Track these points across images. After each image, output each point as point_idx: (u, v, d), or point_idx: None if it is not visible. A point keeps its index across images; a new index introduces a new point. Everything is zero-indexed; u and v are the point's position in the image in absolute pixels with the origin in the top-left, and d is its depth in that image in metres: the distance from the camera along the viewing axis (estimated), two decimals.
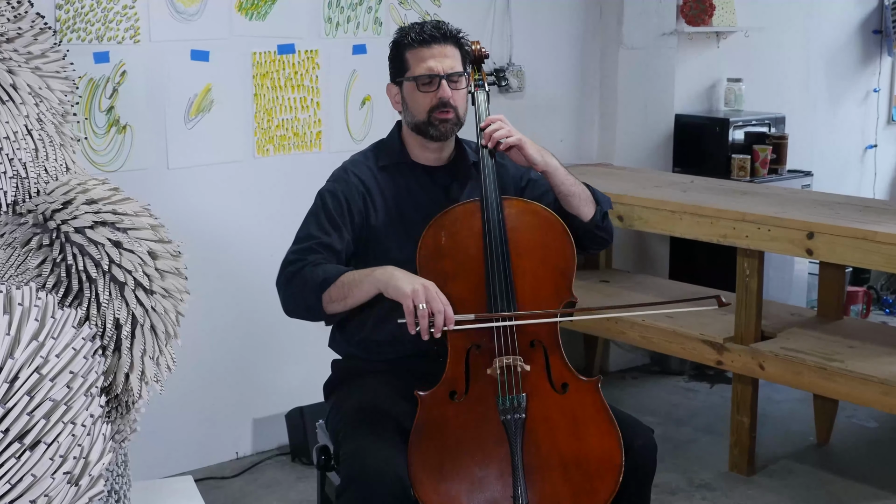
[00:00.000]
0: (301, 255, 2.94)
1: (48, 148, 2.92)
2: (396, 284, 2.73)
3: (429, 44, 2.99)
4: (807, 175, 6.12)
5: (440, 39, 3.01)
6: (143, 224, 2.81)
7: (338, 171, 3.13)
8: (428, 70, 2.98)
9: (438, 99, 2.98)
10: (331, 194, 3.04)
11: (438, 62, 2.98)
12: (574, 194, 3.03)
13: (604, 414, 2.81)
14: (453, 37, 3.04)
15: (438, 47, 3.00)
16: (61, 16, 3.91)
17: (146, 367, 2.79)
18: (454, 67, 3.00)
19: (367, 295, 2.81)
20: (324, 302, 2.86)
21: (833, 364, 4.06)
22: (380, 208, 3.04)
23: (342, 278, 2.84)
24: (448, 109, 2.99)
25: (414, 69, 3.01)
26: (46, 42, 2.99)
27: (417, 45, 3.00)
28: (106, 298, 2.69)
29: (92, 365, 2.44)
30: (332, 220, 2.99)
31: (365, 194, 3.04)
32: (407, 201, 3.06)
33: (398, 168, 3.10)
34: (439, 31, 3.02)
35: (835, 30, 6.98)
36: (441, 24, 3.05)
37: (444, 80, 2.98)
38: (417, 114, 3.02)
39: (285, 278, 2.95)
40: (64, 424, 2.29)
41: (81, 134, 3.96)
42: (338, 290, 2.83)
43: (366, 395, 2.96)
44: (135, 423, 3.02)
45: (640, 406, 5.14)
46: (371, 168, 3.10)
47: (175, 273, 2.86)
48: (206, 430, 4.51)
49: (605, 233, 3.13)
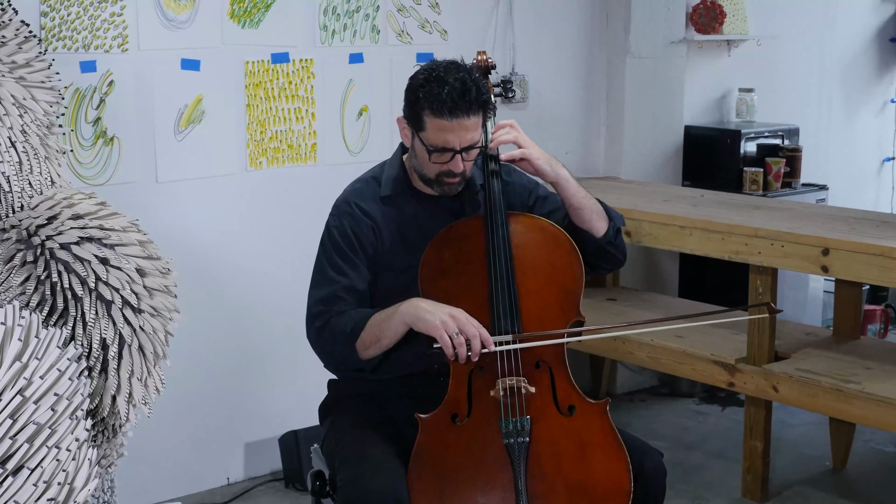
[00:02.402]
0: (326, 306, 2.92)
1: (32, 161, 2.92)
2: (424, 318, 2.73)
3: (450, 117, 2.81)
4: (822, 189, 6.12)
5: (464, 111, 2.81)
6: (131, 240, 2.81)
7: (341, 204, 3.05)
8: (444, 143, 2.84)
9: (449, 169, 2.90)
10: (339, 231, 2.99)
11: (457, 136, 2.83)
12: (586, 207, 3.01)
13: (612, 438, 2.79)
14: (480, 105, 2.85)
15: (460, 121, 2.82)
16: (46, 23, 3.91)
17: (134, 388, 2.78)
18: (473, 140, 2.86)
19: (398, 333, 2.80)
20: (358, 350, 2.85)
21: (850, 386, 4.05)
22: (386, 239, 3.01)
23: (370, 322, 2.83)
24: (457, 176, 2.92)
25: (429, 135, 2.86)
26: (31, 51, 3.00)
27: (437, 114, 2.82)
28: (92, 317, 2.68)
29: (77, 387, 2.44)
30: (347, 258, 2.96)
31: (373, 227, 2.99)
32: (412, 228, 3.01)
33: (403, 197, 3.04)
34: (464, 101, 2.80)
35: (850, 38, 6.99)
36: (468, 91, 2.81)
37: (459, 154, 2.87)
38: (424, 170, 2.94)
39: (315, 334, 2.93)
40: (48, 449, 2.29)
41: (67, 146, 3.96)
42: (369, 335, 2.83)
43: (363, 418, 2.95)
44: (122, 447, 3.01)
45: (649, 430, 5.13)
46: (374, 199, 3.03)
47: (164, 291, 2.86)
48: (196, 454, 4.49)
49: (618, 250, 3.11)
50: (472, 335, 2.70)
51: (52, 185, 3.00)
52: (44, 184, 2.96)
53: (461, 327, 2.70)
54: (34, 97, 2.94)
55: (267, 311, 4.57)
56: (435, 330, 2.70)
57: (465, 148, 2.86)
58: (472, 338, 2.70)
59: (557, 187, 3.00)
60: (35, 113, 2.94)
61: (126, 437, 2.99)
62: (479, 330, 2.71)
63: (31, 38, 3.03)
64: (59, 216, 2.78)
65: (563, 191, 3.00)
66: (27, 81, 2.95)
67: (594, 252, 3.04)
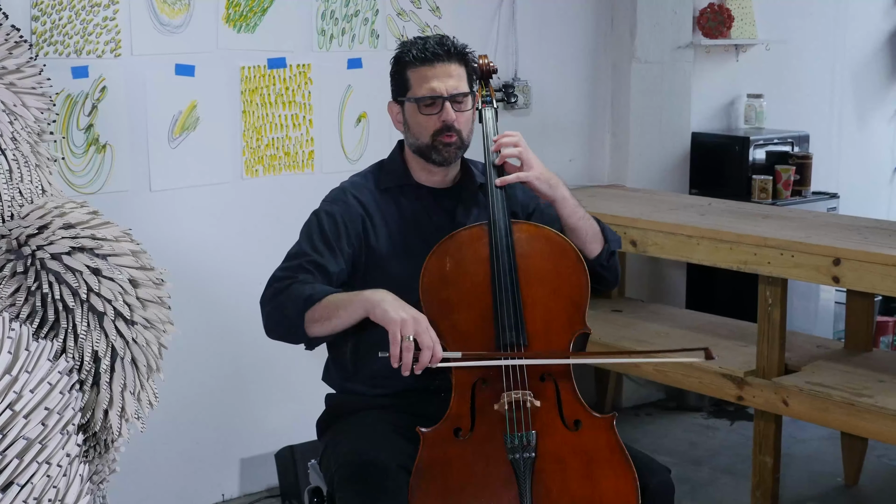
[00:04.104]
0: (290, 272, 2.93)
1: (23, 169, 2.92)
2: (385, 308, 2.71)
3: (432, 62, 2.98)
4: (833, 197, 6.12)
5: (444, 57, 2.99)
6: (124, 250, 2.81)
7: (335, 191, 3.12)
8: (430, 91, 2.97)
9: (442, 122, 2.97)
10: (328, 215, 3.03)
11: (442, 82, 2.97)
12: (581, 229, 3.03)
13: (619, 454, 2.79)
14: (458, 53, 3.02)
15: (442, 66, 2.98)
16: (37, 28, 3.92)
17: (126, 402, 2.78)
18: (458, 87, 2.99)
19: (352, 317, 2.78)
20: (306, 321, 2.82)
21: (862, 400, 4.05)
22: (381, 233, 3.03)
23: (329, 297, 2.82)
24: (452, 133, 2.98)
25: (416, 89, 3.00)
26: (22, 56, 3.00)
27: (419, 63, 2.99)
28: (84, 329, 2.68)
29: (68, 401, 2.44)
30: (327, 241, 2.98)
31: (364, 217, 3.03)
32: (410, 226, 3.05)
33: (401, 190, 3.10)
34: (443, 48, 3.00)
35: (862, 43, 6.99)
36: (445, 40, 3.03)
37: (447, 102, 2.97)
38: (420, 136, 3.01)
39: (270, 294, 2.92)
40: (38, 464, 2.29)
41: (58, 154, 3.96)
42: (322, 310, 2.80)
43: (363, 433, 2.94)
44: (114, 462, 3.01)
45: (656, 445, 5.13)
46: (371, 191, 3.09)
47: (158, 302, 2.85)
48: (191, 470, 4.49)
49: (609, 273, 3.13)
50: (426, 345, 2.68)
51: (42, 193, 2.99)
52: (34, 192, 2.95)
53: (418, 332, 2.68)
54: (24, 103, 2.94)
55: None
56: (391, 324, 2.68)
57: (453, 96, 2.97)
58: (425, 348, 2.68)
59: (555, 206, 3.03)
60: (25, 120, 2.94)
61: (118, 452, 2.98)
62: (434, 344, 2.70)
63: (21, 43, 3.02)
64: (51, 226, 2.78)
65: (560, 210, 3.03)
66: (17, 87, 2.95)
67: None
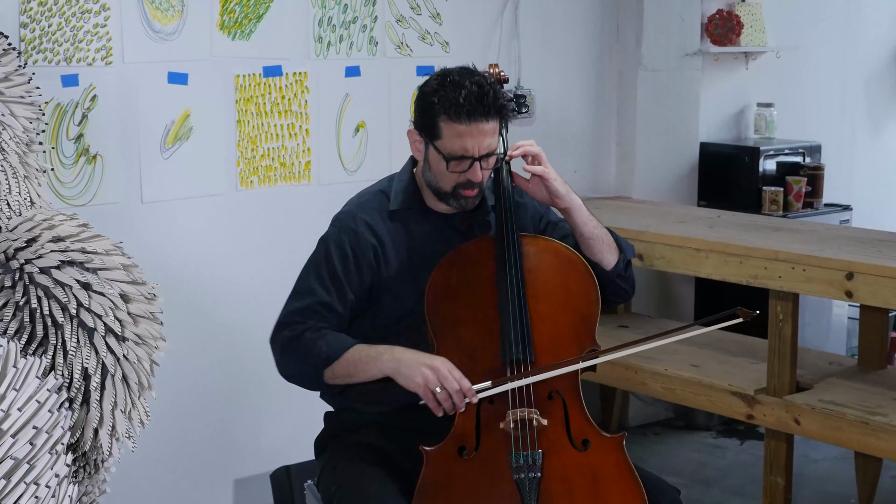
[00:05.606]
0: (301, 317, 2.93)
1: (11, 180, 2.91)
2: (406, 374, 2.76)
3: (468, 121, 2.84)
4: (845, 209, 6.13)
5: (482, 115, 2.83)
6: (115, 264, 2.80)
7: (345, 216, 3.05)
8: (462, 150, 2.85)
9: (467, 179, 2.90)
10: (337, 247, 2.98)
11: (476, 142, 2.84)
12: (596, 237, 3.01)
13: (628, 474, 2.79)
14: (498, 109, 2.87)
15: (478, 125, 2.85)
16: (26, 35, 3.91)
17: (117, 421, 2.77)
18: (491, 146, 2.88)
19: (373, 378, 2.85)
20: (325, 376, 2.89)
21: (876, 418, 4.04)
22: (392, 260, 3.00)
23: (346, 356, 2.85)
24: (475, 188, 2.92)
25: (446, 143, 2.87)
26: (10, 64, 3.00)
27: (454, 118, 2.84)
28: (73, 346, 2.67)
29: (58, 419, 2.43)
30: (335, 276, 2.95)
31: (377, 247, 2.98)
32: (421, 250, 3.01)
33: (411, 214, 3.04)
34: (482, 105, 2.82)
35: (875, 50, 7.00)
36: (485, 93, 2.84)
37: (477, 162, 2.88)
38: (440, 182, 2.94)
39: (282, 343, 2.94)
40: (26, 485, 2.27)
41: (48, 164, 3.95)
42: (343, 368, 2.86)
43: (363, 452, 2.94)
44: (104, 483, 3.00)
45: (664, 465, 5.12)
46: (382, 214, 3.02)
47: (149, 318, 2.85)
48: (183, 491, 4.47)
49: (627, 283, 3.11)
50: (454, 390, 2.72)
51: (31, 205, 2.99)
52: (23, 204, 2.95)
53: (443, 382, 2.72)
54: (13, 113, 2.94)
55: (258, 339, 4.50)
56: (417, 389, 2.75)
57: (484, 156, 2.87)
58: (454, 392, 2.72)
59: (569, 214, 2.99)
60: (14, 129, 2.93)
61: (109, 472, 2.98)
62: (460, 383, 2.73)
63: (9, 51, 3.02)
64: (39, 238, 2.77)
65: (574, 218, 3.00)
66: (6, 96, 2.95)
67: (603, 285, 3.02)
